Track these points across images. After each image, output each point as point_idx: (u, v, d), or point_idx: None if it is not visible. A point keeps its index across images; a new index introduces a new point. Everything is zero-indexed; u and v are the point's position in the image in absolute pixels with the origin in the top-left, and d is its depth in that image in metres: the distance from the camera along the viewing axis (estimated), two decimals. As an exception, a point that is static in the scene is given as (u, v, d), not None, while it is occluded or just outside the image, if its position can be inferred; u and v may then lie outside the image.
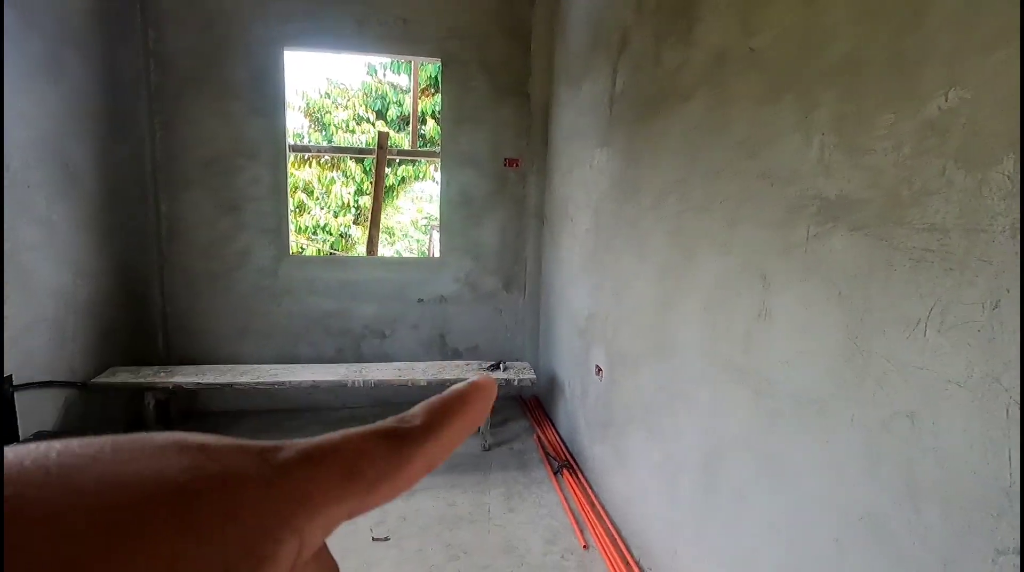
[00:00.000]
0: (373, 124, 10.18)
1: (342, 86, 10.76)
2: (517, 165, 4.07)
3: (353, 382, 3.32)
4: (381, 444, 0.18)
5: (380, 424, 0.19)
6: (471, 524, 2.59)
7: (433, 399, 0.21)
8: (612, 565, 2.24)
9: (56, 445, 0.14)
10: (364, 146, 9.49)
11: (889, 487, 1.09)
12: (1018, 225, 0.86)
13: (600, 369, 2.78)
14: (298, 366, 3.62)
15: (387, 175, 8.50)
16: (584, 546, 2.41)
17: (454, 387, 0.22)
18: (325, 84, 10.88)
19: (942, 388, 0.98)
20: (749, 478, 1.55)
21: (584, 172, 3.07)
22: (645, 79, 2.29)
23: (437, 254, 4.48)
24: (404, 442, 0.18)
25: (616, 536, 2.40)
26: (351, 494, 0.17)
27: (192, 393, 3.76)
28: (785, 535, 1.40)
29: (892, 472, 1.09)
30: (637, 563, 2.21)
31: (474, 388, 0.22)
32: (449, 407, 0.20)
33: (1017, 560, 0.83)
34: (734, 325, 1.63)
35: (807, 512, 1.32)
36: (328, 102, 10.55)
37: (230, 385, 3.28)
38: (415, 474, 0.19)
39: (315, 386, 3.34)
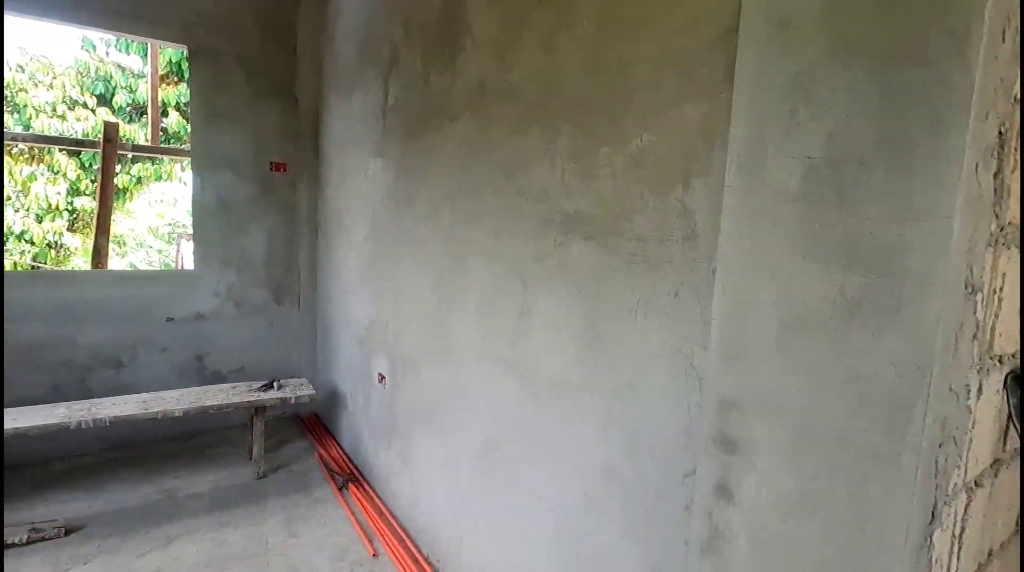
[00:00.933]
0: (93, 111, 8.38)
1: (45, 60, 8.63)
2: (285, 170, 3.84)
3: (79, 423, 2.72)
4: None
5: None
6: (246, 560, 2.36)
7: None
8: (403, 567, 2.28)
9: None
10: (83, 137, 7.79)
11: (618, 443, 1.38)
12: (689, 234, 1.18)
13: (383, 376, 2.81)
14: (-10, 413, 2.81)
15: (117, 174, 7.10)
16: (374, 554, 2.40)
17: None
18: (19, 55, 8.58)
19: (649, 360, 1.29)
20: (519, 457, 1.77)
21: (359, 181, 3.06)
22: (416, 96, 2.41)
23: (190, 266, 3.95)
24: None
25: (405, 538, 2.46)
26: None
27: None
28: (549, 500, 1.64)
29: (620, 431, 1.38)
30: (427, 559, 2.30)
31: None
32: None
33: (693, 480, 1.14)
34: (502, 324, 1.84)
35: (564, 476, 1.57)
36: (24, 78, 8.35)
37: None
38: None
39: (20, 435, 2.64)
